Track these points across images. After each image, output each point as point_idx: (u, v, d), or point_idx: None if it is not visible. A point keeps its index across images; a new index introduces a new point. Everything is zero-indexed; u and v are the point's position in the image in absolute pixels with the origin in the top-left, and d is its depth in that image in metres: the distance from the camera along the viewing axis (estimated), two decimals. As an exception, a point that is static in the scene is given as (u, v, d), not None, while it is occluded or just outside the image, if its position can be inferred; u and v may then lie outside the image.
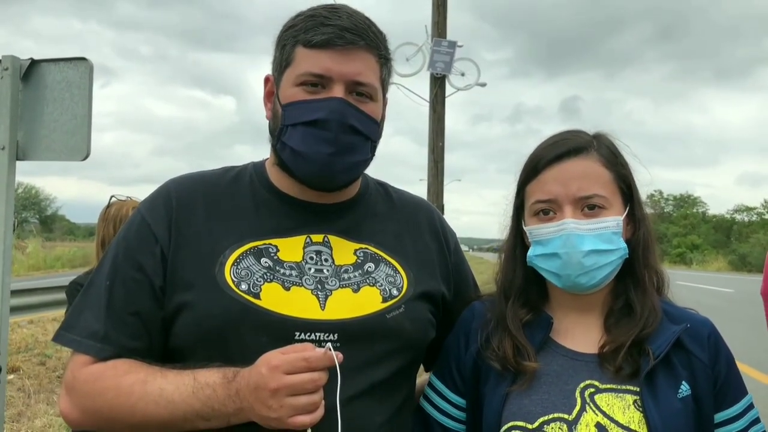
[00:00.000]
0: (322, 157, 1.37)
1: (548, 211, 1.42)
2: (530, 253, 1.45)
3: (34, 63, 3.64)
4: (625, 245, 1.41)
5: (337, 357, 1.24)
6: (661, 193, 68.82)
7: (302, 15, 1.41)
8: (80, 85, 3.56)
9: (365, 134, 1.40)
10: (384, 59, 1.44)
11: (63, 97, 3.57)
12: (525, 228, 1.47)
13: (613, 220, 1.40)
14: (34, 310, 9.02)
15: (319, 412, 1.23)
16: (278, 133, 1.42)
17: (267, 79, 1.48)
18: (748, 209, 61.78)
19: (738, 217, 62.67)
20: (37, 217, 63.99)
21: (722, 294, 20.94)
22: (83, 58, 3.57)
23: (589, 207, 1.39)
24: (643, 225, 1.46)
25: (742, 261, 43.02)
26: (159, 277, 1.38)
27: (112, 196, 3.31)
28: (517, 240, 1.51)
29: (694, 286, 22.90)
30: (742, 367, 8.41)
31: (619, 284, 1.46)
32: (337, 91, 1.36)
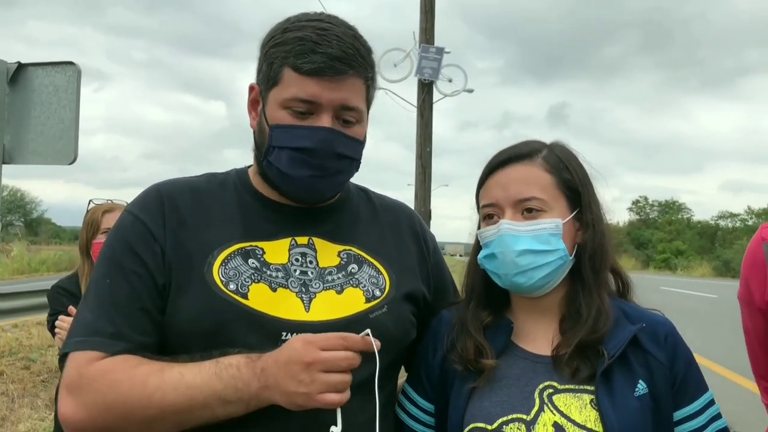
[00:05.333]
0: (309, 180, 1.41)
1: (493, 215, 1.47)
2: (479, 255, 1.51)
3: (21, 66, 3.65)
4: (564, 247, 1.44)
5: (375, 344, 1.27)
6: (646, 199, 69.44)
7: (291, 32, 1.39)
8: (67, 89, 3.57)
9: (352, 157, 1.44)
10: (371, 80, 1.45)
11: (50, 101, 3.59)
12: (477, 232, 1.53)
13: (551, 222, 1.43)
14: (18, 313, 8.96)
15: (347, 393, 1.24)
16: (265, 152, 1.44)
17: (252, 88, 1.49)
18: (732, 216, 62.33)
19: (722, 223, 63.18)
20: (23, 220, 63.33)
21: (706, 299, 21.12)
22: (71, 63, 3.58)
23: (528, 210, 1.44)
24: (592, 229, 1.48)
25: (726, 267, 43.32)
26: (161, 274, 1.37)
27: (90, 201, 3.29)
28: (477, 246, 1.55)
29: (678, 292, 23.08)
30: (725, 372, 8.49)
31: (572, 289, 1.49)
32: (325, 119, 1.38)
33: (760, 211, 56.01)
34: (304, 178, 1.41)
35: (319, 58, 1.35)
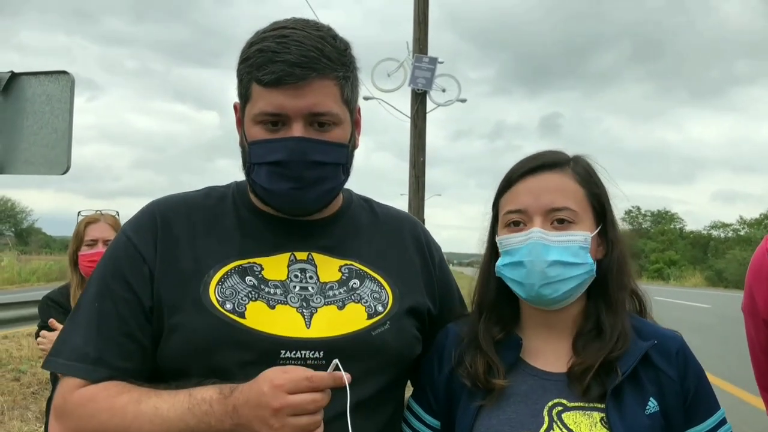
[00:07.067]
0: (290, 193, 1.38)
1: (519, 222, 1.43)
2: (498, 262, 1.46)
3: (14, 76, 3.61)
4: (592, 262, 1.42)
5: (346, 377, 1.23)
6: (638, 209, 69.42)
7: (254, 45, 1.36)
8: (61, 99, 3.54)
9: (332, 162, 1.40)
10: (344, 78, 1.39)
11: (43, 111, 3.55)
12: (496, 239, 1.48)
13: (581, 235, 1.40)
14: (8, 324, 8.84)
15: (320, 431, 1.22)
16: (247, 170, 1.42)
17: (235, 108, 1.47)
18: (725, 226, 62.51)
19: (714, 233, 63.34)
20: (13, 229, 62.96)
21: (700, 309, 21.15)
22: (64, 72, 3.55)
23: (558, 221, 1.41)
24: (616, 246, 1.47)
25: (718, 277, 43.42)
26: (148, 297, 1.36)
27: (79, 212, 3.27)
28: (492, 253, 1.52)
29: (671, 302, 23.11)
30: (718, 382, 8.47)
31: (589, 305, 1.47)
32: (296, 128, 1.34)
33: (753, 221, 56.26)
34: (285, 192, 1.38)
35: (277, 67, 1.31)
